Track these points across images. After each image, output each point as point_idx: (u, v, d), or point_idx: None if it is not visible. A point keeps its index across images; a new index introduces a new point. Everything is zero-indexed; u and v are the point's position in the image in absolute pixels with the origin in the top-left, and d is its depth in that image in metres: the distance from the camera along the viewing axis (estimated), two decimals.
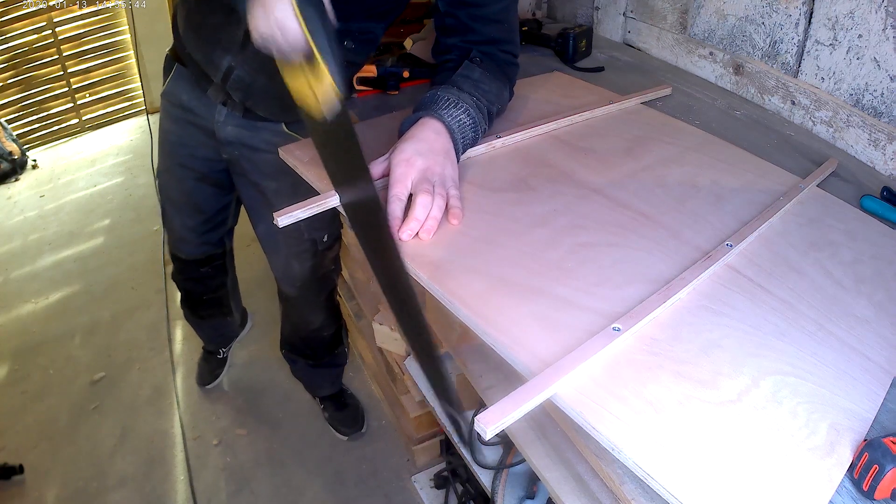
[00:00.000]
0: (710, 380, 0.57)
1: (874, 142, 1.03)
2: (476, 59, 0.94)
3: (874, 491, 0.50)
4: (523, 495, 1.18)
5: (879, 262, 0.77)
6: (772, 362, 0.60)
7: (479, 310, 0.64)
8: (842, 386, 0.58)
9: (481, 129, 0.91)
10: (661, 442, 0.51)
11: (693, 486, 0.48)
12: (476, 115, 0.88)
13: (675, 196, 0.86)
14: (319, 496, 1.63)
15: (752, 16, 1.21)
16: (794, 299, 0.69)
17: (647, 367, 0.58)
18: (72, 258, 2.57)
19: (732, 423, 0.54)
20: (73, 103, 3.56)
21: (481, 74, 0.93)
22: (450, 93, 0.87)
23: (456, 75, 0.91)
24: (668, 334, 0.62)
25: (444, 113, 0.85)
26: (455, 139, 0.85)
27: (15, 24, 3.22)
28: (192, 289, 1.61)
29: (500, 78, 0.97)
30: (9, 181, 3.17)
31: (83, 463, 1.71)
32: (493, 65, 0.96)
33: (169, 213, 1.41)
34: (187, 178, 1.30)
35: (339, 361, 1.74)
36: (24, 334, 2.18)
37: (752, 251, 0.76)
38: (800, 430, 0.53)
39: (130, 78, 3.64)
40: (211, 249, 1.48)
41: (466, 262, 0.70)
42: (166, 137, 1.28)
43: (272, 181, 1.22)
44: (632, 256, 0.73)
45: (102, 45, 3.49)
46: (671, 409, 0.54)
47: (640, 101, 1.17)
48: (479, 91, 0.91)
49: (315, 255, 1.37)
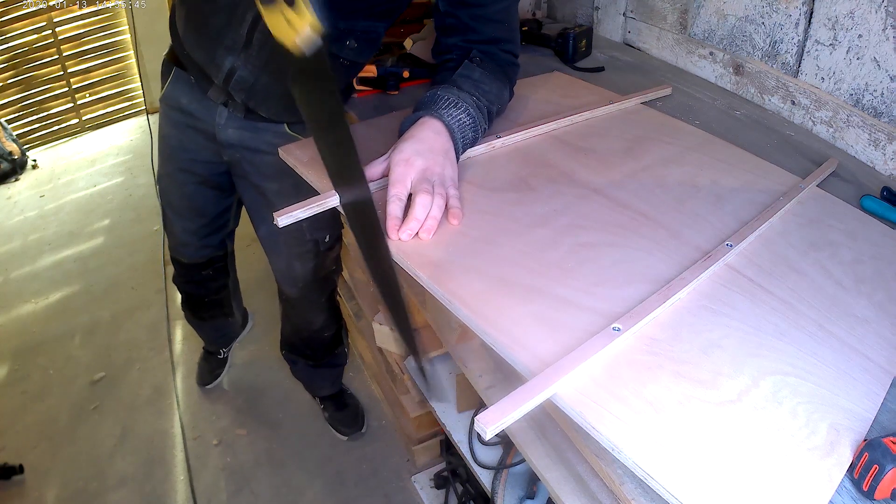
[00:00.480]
0: (710, 380, 0.57)
1: (874, 142, 1.03)
2: (476, 58, 0.94)
3: (874, 491, 0.50)
4: (523, 495, 1.18)
5: (880, 262, 0.76)
6: (772, 362, 0.60)
7: (479, 309, 0.64)
8: (842, 386, 0.58)
9: (481, 128, 0.90)
10: (661, 442, 0.51)
11: (693, 486, 0.48)
12: (476, 114, 0.88)
13: (675, 196, 0.86)
14: (319, 496, 1.63)
15: (752, 16, 1.21)
16: (795, 299, 0.69)
17: (647, 367, 0.58)
18: (72, 258, 2.57)
19: (732, 423, 0.53)
20: (73, 103, 3.56)
21: (482, 74, 0.93)
22: (450, 92, 0.87)
23: (456, 75, 0.91)
24: (668, 334, 0.62)
25: (443, 112, 0.84)
26: (455, 139, 0.84)
27: (15, 24, 3.22)
28: (194, 292, 1.61)
29: (500, 78, 0.96)
30: (9, 181, 3.17)
31: (83, 463, 1.71)
32: (494, 65, 0.96)
33: (170, 217, 1.40)
34: (188, 182, 1.30)
35: (339, 361, 1.74)
36: (24, 334, 2.18)
37: (752, 251, 0.76)
38: (800, 430, 0.53)
39: (130, 78, 3.64)
40: (212, 252, 1.48)
41: (466, 261, 0.70)
42: (166, 142, 1.28)
43: (274, 183, 1.21)
44: (632, 256, 0.73)
45: (102, 45, 3.49)
46: (671, 409, 0.54)
47: (641, 101, 1.17)
48: (479, 91, 0.90)
49: (317, 256, 1.37)
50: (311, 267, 1.38)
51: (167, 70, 1.19)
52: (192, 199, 1.34)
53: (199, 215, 1.38)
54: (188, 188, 1.31)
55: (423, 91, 0.91)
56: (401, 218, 0.74)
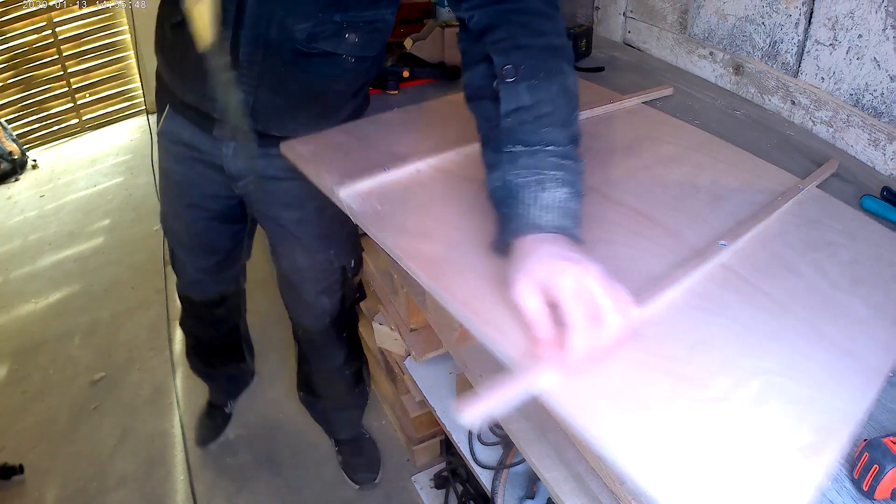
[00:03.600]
0: (697, 377, 0.57)
1: (874, 142, 1.03)
2: (507, 66, 0.68)
3: (874, 491, 0.50)
4: (523, 495, 1.18)
5: (879, 264, 0.76)
6: (761, 362, 0.59)
7: (471, 304, 0.64)
8: (832, 387, 0.58)
9: (578, 174, 0.67)
10: (644, 438, 0.51)
11: (672, 483, 0.48)
12: (567, 175, 0.65)
13: (673, 195, 0.86)
14: (319, 496, 1.63)
15: (752, 16, 1.21)
16: (788, 299, 0.68)
17: (634, 364, 0.58)
18: (72, 258, 2.57)
19: (718, 421, 0.53)
20: (73, 103, 3.56)
21: (531, 92, 0.66)
22: (521, 170, 0.64)
23: (504, 116, 0.67)
24: (658, 331, 0.62)
25: (534, 216, 0.62)
26: (570, 233, 0.63)
27: (15, 24, 3.22)
28: (205, 335, 1.51)
29: (551, 74, 0.68)
30: (9, 181, 3.17)
31: (83, 463, 1.71)
32: (530, 54, 0.68)
33: (180, 256, 1.31)
34: (199, 218, 1.21)
35: (360, 403, 1.63)
36: (24, 334, 2.18)
37: (747, 251, 0.75)
38: (786, 430, 0.53)
39: (130, 78, 3.64)
40: (225, 288, 1.39)
41: (460, 258, 0.70)
42: (170, 178, 1.19)
43: (294, 211, 1.13)
44: (623, 254, 0.73)
45: (102, 45, 3.49)
46: (656, 405, 0.54)
47: (642, 101, 1.17)
48: (543, 126, 0.65)
49: (344, 285, 1.28)
50: (338, 298, 1.30)
51: (161, 100, 1.11)
52: (203, 237, 1.25)
53: (212, 252, 1.29)
54: (199, 225, 1.22)
55: (423, 92, 0.87)
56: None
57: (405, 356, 1.48)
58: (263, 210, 1.17)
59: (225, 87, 0.92)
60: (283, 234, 1.18)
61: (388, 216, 0.77)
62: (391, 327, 1.48)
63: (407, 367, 1.46)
